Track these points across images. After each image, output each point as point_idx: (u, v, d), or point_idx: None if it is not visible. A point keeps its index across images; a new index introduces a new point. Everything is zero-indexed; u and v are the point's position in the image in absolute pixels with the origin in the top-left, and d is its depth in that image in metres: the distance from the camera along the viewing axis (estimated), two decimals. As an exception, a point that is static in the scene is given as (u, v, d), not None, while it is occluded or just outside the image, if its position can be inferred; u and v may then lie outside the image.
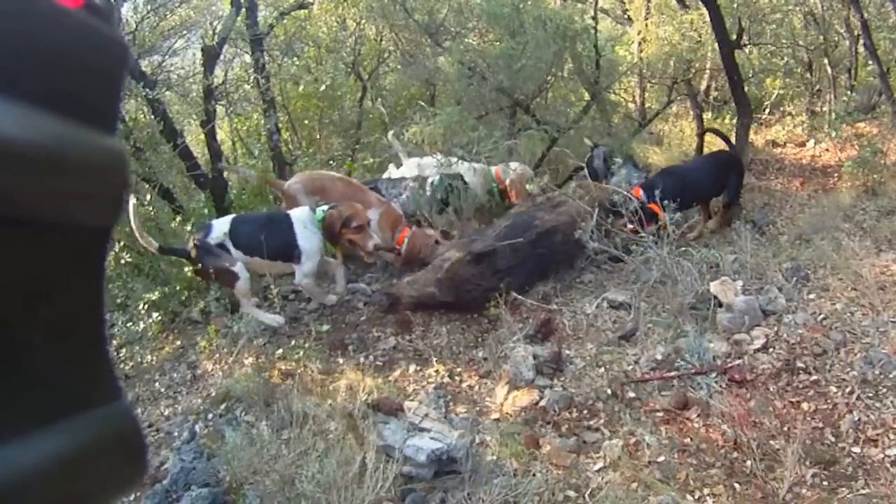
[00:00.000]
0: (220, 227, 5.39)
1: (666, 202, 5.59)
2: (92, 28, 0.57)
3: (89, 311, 0.60)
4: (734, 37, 7.31)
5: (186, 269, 5.57)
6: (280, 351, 5.01)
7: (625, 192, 5.86)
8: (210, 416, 4.53)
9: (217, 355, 5.07)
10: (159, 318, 5.38)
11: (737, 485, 3.58)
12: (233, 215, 5.69)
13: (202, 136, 6.90)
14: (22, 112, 0.49)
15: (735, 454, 3.77)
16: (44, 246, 0.53)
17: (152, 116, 6.32)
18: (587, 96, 8.95)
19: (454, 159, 6.76)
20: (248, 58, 7.83)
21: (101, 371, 0.61)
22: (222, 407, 4.57)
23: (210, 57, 6.68)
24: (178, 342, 5.47)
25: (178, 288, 5.58)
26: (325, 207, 5.50)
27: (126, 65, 0.65)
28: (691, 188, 6.48)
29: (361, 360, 4.99)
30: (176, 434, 4.38)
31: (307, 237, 5.41)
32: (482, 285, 5.38)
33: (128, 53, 0.65)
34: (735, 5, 8.24)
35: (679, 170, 6.99)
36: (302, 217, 5.48)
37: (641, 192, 6.13)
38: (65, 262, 0.56)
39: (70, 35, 0.55)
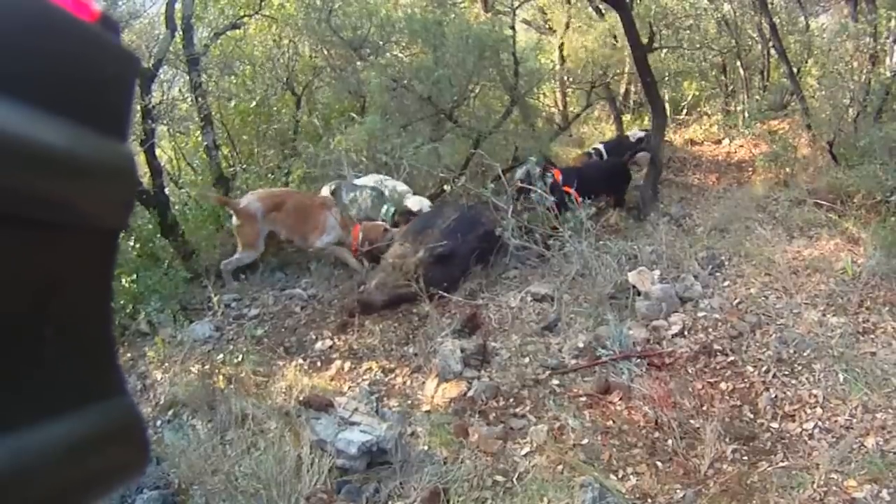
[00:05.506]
0: None
1: (583, 199, 5.92)
2: (106, 40, 0.60)
3: (98, 310, 0.63)
4: (646, 41, 7.49)
5: (126, 282, 5.71)
6: (221, 356, 5.15)
7: (540, 192, 6.19)
8: (159, 422, 4.62)
9: (165, 364, 5.14)
10: (109, 331, 5.41)
11: (659, 463, 3.77)
12: None
13: (143, 156, 6.97)
14: (41, 117, 0.52)
15: (656, 434, 3.96)
16: (57, 245, 0.56)
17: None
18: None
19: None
20: (187, 77, 7.86)
21: (107, 366, 0.64)
22: (170, 413, 4.67)
23: (146, 78, 6.77)
24: (129, 354, 5.50)
25: (122, 302, 5.67)
26: None
27: (136, 75, 0.68)
28: (586, 183, 6.90)
29: (300, 360, 5.12)
30: (128, 442, 4.45)
31: None
32: (448, 277, 5.71)
33: (138, 64, 0.68)
34: (652, 12, 8.58)
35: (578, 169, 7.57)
36: None
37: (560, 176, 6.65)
38: (76, 261, 0.59)
39: (87, 46, 0.58)
